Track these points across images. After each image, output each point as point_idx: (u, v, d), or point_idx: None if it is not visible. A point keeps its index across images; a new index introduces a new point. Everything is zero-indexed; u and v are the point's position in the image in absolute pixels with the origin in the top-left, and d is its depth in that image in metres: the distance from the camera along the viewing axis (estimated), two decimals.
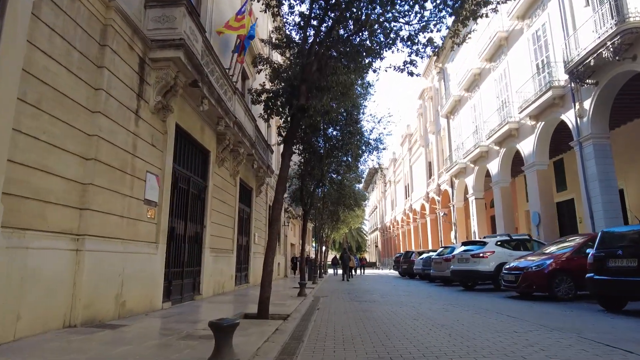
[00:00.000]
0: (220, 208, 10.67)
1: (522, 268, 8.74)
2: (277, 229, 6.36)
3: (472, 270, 11.22)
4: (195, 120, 8.87)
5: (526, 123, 16.54)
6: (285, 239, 24.79)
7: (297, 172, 14.24)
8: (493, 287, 11.40)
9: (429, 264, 16.82)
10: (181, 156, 8.38)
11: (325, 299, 9.84)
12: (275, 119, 14.79)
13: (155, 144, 7.00)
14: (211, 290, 9.85)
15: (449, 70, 27.85)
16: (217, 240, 10.41)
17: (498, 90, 19.66)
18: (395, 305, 8.04)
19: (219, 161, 10.40)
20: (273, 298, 9.54)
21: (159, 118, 7.15)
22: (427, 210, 33.24)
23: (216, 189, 10.31)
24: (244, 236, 13.62)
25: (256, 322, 5.64)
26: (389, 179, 53.95)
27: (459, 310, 6.98)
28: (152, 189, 6.86)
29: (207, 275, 9.48)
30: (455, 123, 26.44)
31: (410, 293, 11.28)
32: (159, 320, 5.76)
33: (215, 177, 10.27)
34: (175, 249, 7.95)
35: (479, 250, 11.33)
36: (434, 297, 9.75)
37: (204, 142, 9.40)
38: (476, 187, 22.87)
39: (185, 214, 8.41)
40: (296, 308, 7.37)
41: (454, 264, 12.23)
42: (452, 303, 8.24)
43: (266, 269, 6.18)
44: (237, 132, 10.64)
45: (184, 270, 8.30)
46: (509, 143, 18.26)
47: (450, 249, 14.78)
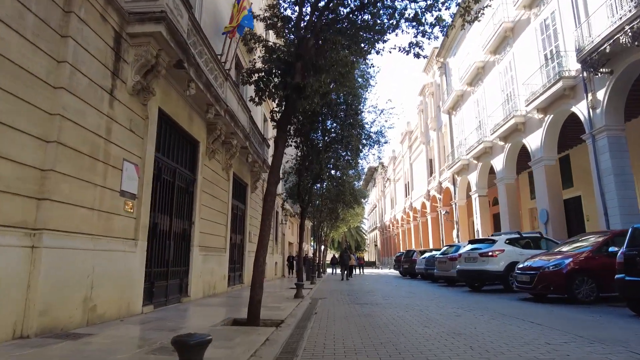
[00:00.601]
0: (211, 203, 9.96)
1: (537, 268, 8.05)
2: (269, 223, 5.66)
3: (481, 270, 10.53)
4: (182, 107, 8.15)
5: (533, 116, 15.85)
6: (282, 237, 24.08)
7: (294, 167, 13.53)
8: (503, 288, 10.71)
9: (432, 264, 16.14)
10: (166, 145, 7.65)
11: (323, 301, 9.14)
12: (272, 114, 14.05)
13: (134, 130, 6.28)
14: (201, 291, 9.14)
15: (451, 64, 27.16)
16: (208, 238, 9.70)
17: (503, 83, 18.97)
18: (400, 308, 7.34)
19: (209, 153, 9.68)
20: (267, 300, 8.83)
21: (138, 101, 6.42)
22: (428, 208, 32.56)
23: (206, 183, 9.59)
24: (237, 234, 12.92)
25: (244, 329, 4.93)
26: (388, 177, 53.28)
27: (472, 314, 6.29)
28: (131, 179, 6.14)
29: (195, 276, 8.76)
30: (458, 119, 25.75)
31: (414, 294, 10.59)
32: (134, 327, 5.04)
33: (206, 170, 9.55)
34: (159, 246, 7.23)
35: (487, 249, 10.63)
36: (440, 299, 9.06)
37: (192, 132, 8.68)
38: (479, 184, 22.19)
39: (170, 209, 7.69)
40: (291, 312, 6.66)
41: (461, 263, 11.54)
42: (461, 306, 7.54)
43: (257, 268, 5.47)
44: (229, 122, 9.92)
45: (169, 270, 7.59)
46: (515, 138, 17.57)
47: (456, 248, 14.09)
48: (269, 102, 18.10)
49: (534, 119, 15.85)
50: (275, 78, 6.05)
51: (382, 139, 13.69)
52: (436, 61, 29.42)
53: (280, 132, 5.86)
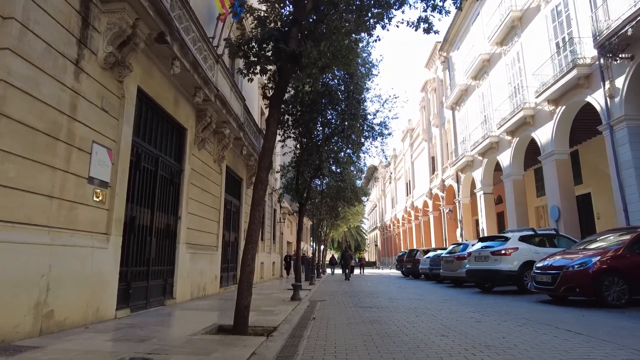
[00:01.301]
0: (201, 197, 9.17)
1: (559, 267, 7.26)
2: (260, 215, 4.87)
3: (493, 269, 9.74)
4: (167, 88, 7.36)
5: (543, 109, 15.07)
6: (281, 236, 23.29)
7: (292, 160, 12.76)
8: (516, 290, 9.93)
9: (438, 263, 15.34)
10: (147, 130, 6.86)
11: (323, 304, 8.34)
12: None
13: (107, 109, 5.49)
14: (188, 293, 8.34)
15: (454, 59, 26.38)
16: (197, 234, 8.90)
17: (510, 75, 18.19)
18: (409, 312, 6.55)
19: (198, 142, 8.89)
20: (261, 303, 8.05)
21: (113, 77, 5.64)
22: (430, 207, 31.77)
23: (195, 175, 8.80)
24: (232, 232, 12.12)
25: (228, 340, 4.15)
26: (389, 176, 52.49)
27: (493, 320, 5.49)
28: (102, 165, 5.35)
29: (182, 276, 7.96)
30: (461, 114, 24.97)
31: (421, 296, 9.80)
32: (98, 336, 4.25)
33: (194, 160, 8.76)
34: (138, 243, 6.44)
35: (500, 247, 9.84)
36: (451, 302, 8.27)
37: (178, 117, 7.89)
38: (484, 181, 21.41)
39: (151, 201, 6.89)
40: (286, 317, 5.87)
41: (471, 262, 10.75)
42: (477, 310, 6.75)
43: (244, 268, 4.68)
44: (220, 109, 9.13)
45: (150, 269, 6.79)
46: (523, 131, 16.79)
47: (463, 246, 13.30)
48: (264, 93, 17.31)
49: (544, 111, 15.07)
50: (268, 48, 5.25)
51: (386, 130, 12.87)
52: (439, 56, 28.64)
53: (272, 110, 5.07)
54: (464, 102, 24.49)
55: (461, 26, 24.51)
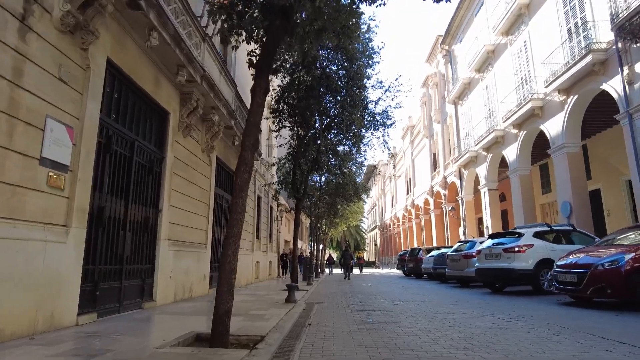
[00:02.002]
0: (187, 190, 8.35)
1: (585, 265, 6.46)
2: (243, 202, 4.06)
3: (506, 268, 8.94)
4: (145, 65, 6.54)
5: (553, 99, 14.29)
6: (278, 235, 22.48)
7: (289, 152, 11.97)
8: (531, 290, 9.14)
9: (442, 262, 14.56)
10: (120, 109, 6.04)
11: (320, 306, 7.54)
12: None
13: (65, 80, 4.67)
14: (172, 294, 7.52)
15: (457, 52, 25.60)
16: (182, 230, 8.09)
17: (517, 66, 17.40)
18: (418, 317, 5.74)
19: (183, 129, 8.07)
20: (252, 305, 7.24)
21: (74, 43, 4.82)
22: (432, 205, 30.98)
23: (179, 164, 7.99)
24: (224, 229, 11.30)
25: (203, 353, 3.34)
26: (389, 175, 51.71)
27: (520, 327, 4.69)
28: (59, 144, 4.53)
29: (163, 276, 7.14)
30: (464, 109, 24.19)
31: (428, 297, 9.00)
32: (41, 350, 3.43)
33: (178, 148, 7.95)
34: (109, 238, 5.62)
35: (513, 244, 9.04)
36: (462, 304, 7.47)
37: (159, 99, 7.07)
38: (489, 177, 20.62)
39: (125, 191, 6.08)
40: (277, 324, 5.06)
41: (480, 261, 9.95)
42: (495, 313, 5.95)
43: (224, 267, 3.88)
44: (208, 92, 8.31)
45: (124, 268, 5.97)
46: (531, 124, 16.00)
47: (470, 244, 12.51)
48: None
49: (554, 102, 14.29)
50: (255, 7, 4.44)
51: (388, 120, 12.05)
52: (440, 49, 27.84)
53: (259, 77, 4.26)
54: (466, 96, 23.71)
55: (464, 18, 23.73)
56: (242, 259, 13.14)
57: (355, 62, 10.37)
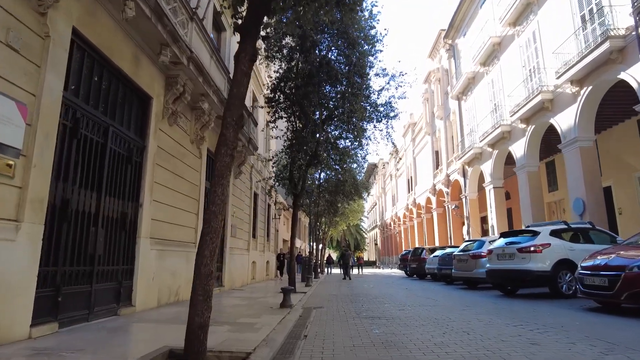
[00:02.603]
0: (173, 183, 7.62)
1: (617, 267, 5.74)
2: (224, 191, 3.33)
3: (521, 270, 8.21)
4: (120, 40, 5.81)
5: (565, 91, 13.57)
6: (276, 234, 21.76)
7: (285, 145, 11.24)
8: (547, 292, 8.42)
9: (448, 263, 13.84)
10: (90, 89, 5.30)
11: (319, 312, 6.82)
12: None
13: (15, 47, 3.95)
14: (154, 298, 6.80)
15: (460, 46, 24.87)
16: (167, 228, 7.36)
17: (525, 58, 16.67)
18: (430, 327, 5.02)
19: (169, 116, 7.34)
20: (242, 311, 6.51)
21: (28, 5, 4.09)
22: (434, 203, 30.26)
23: (164, 155, 7.26)
24: None
25: None
26: (390, 173, 50.99)
27: (557, 342, 3.97)
28: (6, 123, 3.81)
29: (144, 278, 6.42)
30: (468, 104, 23.46)
31: (436, 301, 8.28)
32: None
33: (163, 137, 7.22)
34: (76, 235, 4.89)
35: (529, 243, 8.31)
36: (476, 309, 6.76)
37: (139, 81, 6.34)
38: (494, 174, 19.90)
39: (98, 182, 5.35)
40: (268, 335, 4.33)
41: (492, 261, 9.22)
42: (519, 322, 5.23)
43: (199, 270, 3.14)
44: (196, 77, 7.58)
45: (95, 269, 5.24)
46: (540, 118, 15.28)
47: (478, 243, 11.78)
48: (257, 75, 15.76)
49: (566, 94, 13.56)
50: None
51: (392, 112, 11.30)
52: (444, 43, 27.10)
53: (245, 41, 3.54)
54: (471, 91, 22.99)
55: (468, 10, 23.00)
56: (237, 259, 12.43)
57: (357, 47, 9.66)
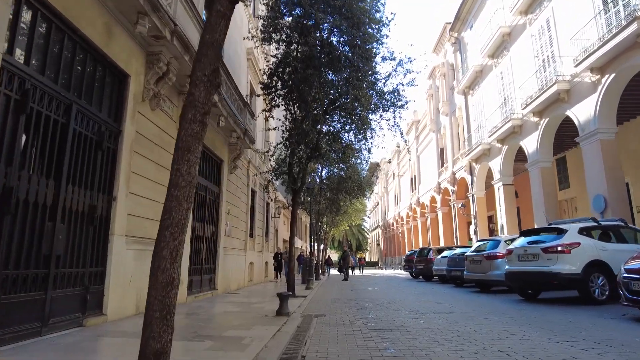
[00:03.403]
0: (156, 175, 6.76)
1: None
2: (190, 171, 2.47)
3: (547, 272, 7.32)
4: (89, 5, 4.94)
5: (583, 80, 12.68)
6: (276, 233, 20.89)
7: (283, 135, 10.35)
8: (579, 297, 7.52)
9: (457, 264, 12.96)
10: (47, 58, 4.42)
11: (320, 322, 5.94)
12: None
13: None
14: (131, 305, 5.93)
15: (467, 39, 23.97)
16: (148, 225, 6.49)
17: (537, 47, 15.77)
18: (455, 342, 4.14)
19: (150, 97, 6.48)
20: (232, 320, 5.63)
21: None
22: (439, 202, 29.34)
23: (144, 143, 6.39)
24: (207, 225, 9.71)
25: None
26: (392, 172, 50.09)
27: None
28: None
29: (118, 282, 5.55)
30: (475, 99, 22.56)
31: (450, 307, 7.40)
32: None
33: (143, 122, 6.35)
34: (22, 231, 4.02)
35: (556, 242, 7.41)
36: (501, 318, 5.88)
37: (113, 55, 5.47)
38: (504, 171, 18.98)
39: (57, 169, 4.48)
40: (258, 355, 3.45)
41: (512, 262, 8.32)
42: (561, 336, 4.35)
43: (155, 279, 2.31)
44: (182, 54, 6.72)
45: (52, 272, 4.37)
46: (555, 110, 14.38)
47: (493, 243, 10.88)
48: (255, 64, 14.89)
49: (585, 84, 12.67)
50: None
51: (399, 101, 10.40)
52: (449, 37, 26.19)
53: None
54: (478, 85, 22.09)
55: (475, 0, 22.12)
56: (232, 260, 11.56)
57: (362, 28, 8.78)
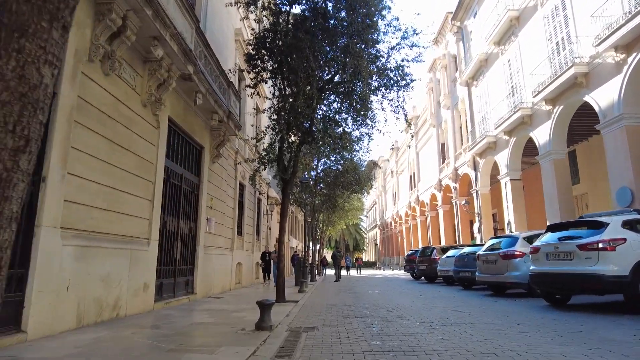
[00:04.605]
0: (111, 156, 5.47)
1: None
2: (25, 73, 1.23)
3: (585, 273, 6.09)
4: None
5: (606, 61, 11.50)
6: (268, 232, 19.61)
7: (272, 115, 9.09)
8: (623, 303, 6.30)
9: (467, 264, 11.74)
10: None
11: (311, 338, 4.68)
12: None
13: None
14: (71, 317, 4.64)
15: (470, 27, 22.79)
16: (97, 216, 5.20)
17: (550, 29, 14.60)
18: None
19: (102, 58, 5.19)
20: (199, 336, 4.27)
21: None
22: (440, 200, 28.16)
23: (94, 114, 5.11)
24: (183, 219, 8.41)
25: None
26: (390, 170, 48.90)
27: None
28: None
29: (44, 289, 4.26)
30: (480, 90, 21.39)
31: (470, 316, 6.17)
32: None
33: (92, 88, 5.07)
34: None
35: (596, 238, 6.17)
36: (540, 332, 4.67)
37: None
38: (512, 165, 17.80)
39: None
40: None
41: (539, 262, 7.08)
42: None
43: None
44: (142, 7, 5.43)
45: None
46: (571, 96, 13.20)
47: (509, 240, 9.64)
48: (243, 49, 13.62)
49: (607, 65, 11.49)
50: None
51: (403, 80, 9.15)
52: (451, 26, 25.00)
53: None
54: (482, 75, 20.92)
55: None
56: (215, 261, 10.27)
57: None
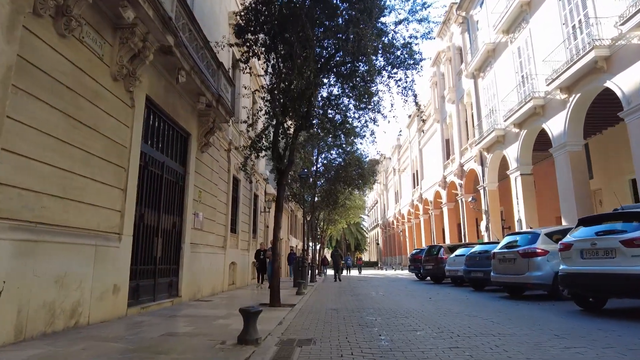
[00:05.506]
0: (66, 132, 4.56)
1: None
2: None
3: (633, 274, 5.17)
4: None
5: (630, 42, 10.58)
6: (266, 229, 18.70)
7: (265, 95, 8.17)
8: None
9: (479, 263, 10.83)
10: None
11: (305, 354, 3.77)
12: None
13: None
14: (9, 328, 3.74)
15: (476, 17, 21.87)
16: (46, 203, 4.29)
17: (566, 12, 13.66)
18: None
19: (51, 13, 4.28)
20: (172, 349, 3.42)
21: None
22: (444, 198, 27.23)
23: (42, 79, 4.19)
24: (165, 213, 7.49)
25: None
26: (392, 168, 47.96)
27: None
28: None
29: None
30: (487, 82, 20.47)
31: (495, 325, 5.27)
32: None
33: (37, 46, 4.15)
34: None
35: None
36: (589, 347, 3.81)
37: None
38: (522, 159, 16.86)
39: None
40: None
41: (570, 261, 6.16)
42: None
43: None
44: None
45: None
46: (590, 83, 12.27)
47: (529, 237, 8.70)
48: None
49: (632, 47, 10.56)
50: None
51: (410, 59, 8.22)
52: (456, 17, 24.07)
53: None
54: (490, 66, 19.99)
55: None
56: (205, 260, 9.37)
57: None
